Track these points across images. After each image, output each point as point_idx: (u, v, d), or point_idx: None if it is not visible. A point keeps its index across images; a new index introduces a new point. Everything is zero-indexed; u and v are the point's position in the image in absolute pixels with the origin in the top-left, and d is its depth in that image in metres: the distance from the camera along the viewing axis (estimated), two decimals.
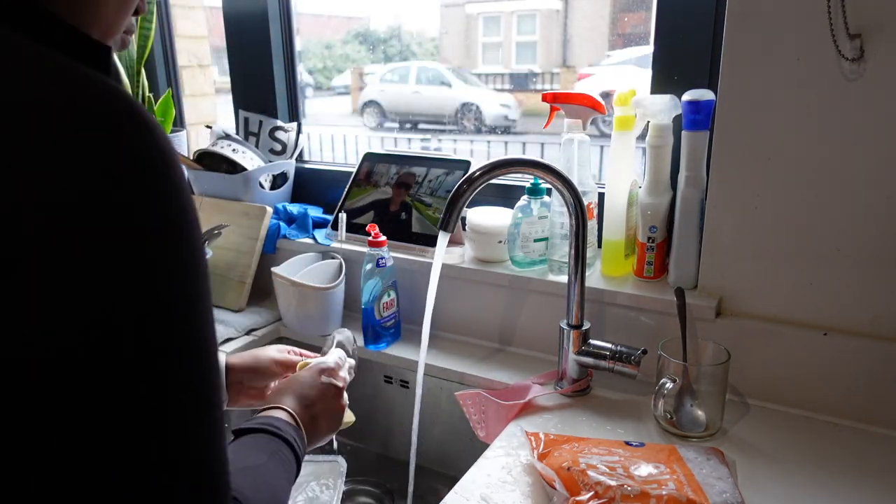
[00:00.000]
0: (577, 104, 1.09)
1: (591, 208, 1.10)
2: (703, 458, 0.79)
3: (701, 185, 1.00)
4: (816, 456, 0.85)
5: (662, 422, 0.91)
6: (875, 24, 0.82)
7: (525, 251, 1.14)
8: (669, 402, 0.89)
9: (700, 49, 1.05)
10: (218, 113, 1.89)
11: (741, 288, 0.99)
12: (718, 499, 0.71)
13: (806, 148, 0.89)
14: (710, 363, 0.91)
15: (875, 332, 0.91)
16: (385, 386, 1.24)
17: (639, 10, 1.65)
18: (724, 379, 0.89)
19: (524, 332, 1.18)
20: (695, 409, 0.89)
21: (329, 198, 1.50)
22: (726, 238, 0.98)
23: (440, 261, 0.95)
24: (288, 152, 1.53)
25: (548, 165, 0.93)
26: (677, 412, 0.90)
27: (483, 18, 3.84)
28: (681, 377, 0.88)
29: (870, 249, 0.89)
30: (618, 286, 1.07)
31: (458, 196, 0.91)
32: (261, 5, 1.49)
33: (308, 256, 1.33)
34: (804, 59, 0.87)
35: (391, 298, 1.19)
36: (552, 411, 0.98)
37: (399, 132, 4.19)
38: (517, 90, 3.93)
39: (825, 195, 0.90)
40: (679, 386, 0.88)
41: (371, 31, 2.65)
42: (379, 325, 1.19)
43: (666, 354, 0.90)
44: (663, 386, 0.87)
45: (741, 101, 0.92)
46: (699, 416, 0.89)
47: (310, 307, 1.24)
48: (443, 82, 4.40)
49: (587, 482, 0.72)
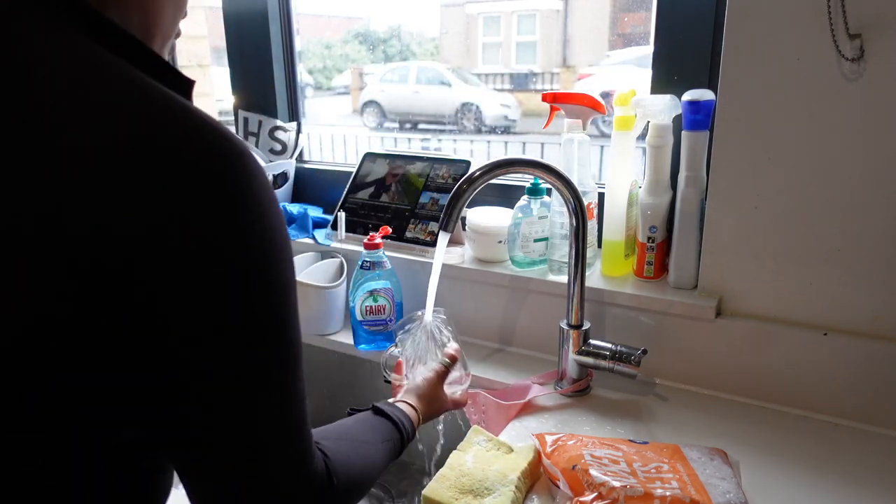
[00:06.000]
0: (577, 104, 1.09)
1: (591, 208, 1.10)
2: (706, 458, 0.79)
3: (701, 185, 1.00)
4: (817, 456, 0.86)
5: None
6: (875, 24, 0.82)
7: (525, 251, 1.14)
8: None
9: (700, 49, 1.05)
10: (218, 113, 1.89)
11: (741, 288, 0.99)
12: (722, 499, 0.71)
13: (806, 148, 0.89)
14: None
15: (875, 332, 0.91)
16: (385, 386, 1.24)
17: (639, 10, 1.65)
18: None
19: (524, 332, 1.18)
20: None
21: (329, 198, 1.50)
22: (726, 238, 0.98)
23: (440, 261, 0.95)
24: (288, 152, 1.53)
25: (548, 165, 0.93)
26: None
27: (483, 18, 3.83)
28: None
29: (870, 249, 0.89)
30: (618, 286, 1.07)
31: (458, 196, 0.91)
32: (261, 5, 1.49)
33: (308, 256, 1.33)
34: (804, 59, 0.87)
35: (378, 304, 1.16)
36: (552, 411, 0.98)
37: (399, 132, 4.19)
38: (517, 90, 3.93)
39: (825, 195, 0.90)
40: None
41: (371, 31, 2.65)
42: (360, 326, 1.18)
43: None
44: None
45: (741, 101, 0.92)
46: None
47: (311, 306, 1.24)
48: (443, 82, 4.39)
49: (591, 482, 0.72)
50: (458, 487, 0.77)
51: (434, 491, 0.77)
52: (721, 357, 1.00)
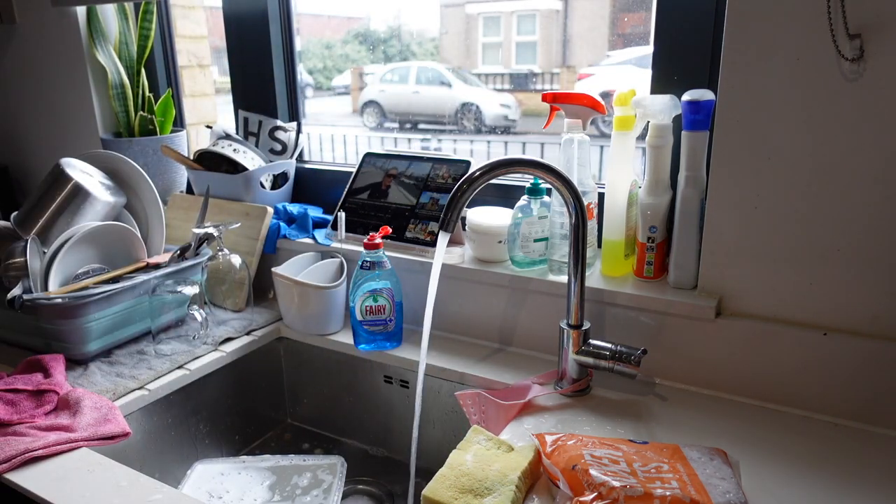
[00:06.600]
0: (577, 104, 1.09)
1: (591, 208, 1.10)
2: (706, 458, 0.79)
3: (701, 185, 1.00)
4: (817, 456, 0.86)
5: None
6: (875, 24, 0.82)
7: (525, 251, 1.14)
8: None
9: (700, 49, 1.05)
10: (218, 113, 1.89)
11: (741, 288, 0.99)
12: (722, 499, 0.71)
13: (806, 148, 0.89)
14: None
15: (875, 332, 0.91)
16: (385, 386, 1.24)
17: (639, 10, 1.64)
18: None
19: (524, 332, 1.18)
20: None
21: (329, 198, 1.50)
22: (726, 238, 0.98)
23: (440, 261, 0.95)
24: (288, 152, 1.53)
25: (548, 165, 0.93)
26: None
27: (483, 18, 3.83)
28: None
29: (870, 249, 0.89)
30: (618, 286, 1.07)
31: (458, 196, 0.91)
32: (261, 5, 1.49)
33: (308, 256, 1.33)
34: (804, 59, 0.87)
35: (378, 304, 1.16)
36: (552, 411, 0.98)
37: (399, 132, 4.18)
38: (517, 90, 3.93)
39: (825, 195, 0.90)
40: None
41: (371, 31, 2.65)
42: (360, 326, 1.19)
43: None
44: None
45: (741, 101, 0.92)
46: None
47: (311, 307, 1.24)
48: (443, 82, 4.39)
49: (591, 482, 0.72)
50: (457, 487, 0.77)
51: (434, 491, 0.77)
52: (721, 357, 1.00)
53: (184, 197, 1.54)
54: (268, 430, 1.36)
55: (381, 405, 1.26)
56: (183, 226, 1.49)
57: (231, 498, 1.04)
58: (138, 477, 0.86)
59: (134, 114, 1.63)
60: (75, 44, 1.66)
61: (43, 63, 1.75)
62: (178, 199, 1.54)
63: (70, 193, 1.22)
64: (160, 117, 1.64)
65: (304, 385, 1.35)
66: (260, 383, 1.32)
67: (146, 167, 1.46)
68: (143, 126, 1.62)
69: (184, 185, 1.67)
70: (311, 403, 1.36)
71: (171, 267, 1.22)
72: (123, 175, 1.33)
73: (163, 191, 1.58)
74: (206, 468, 1.10)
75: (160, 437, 1.12)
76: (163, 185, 1.61)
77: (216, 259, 1.30)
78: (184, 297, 1.19)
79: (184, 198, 1.54)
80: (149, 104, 1.65)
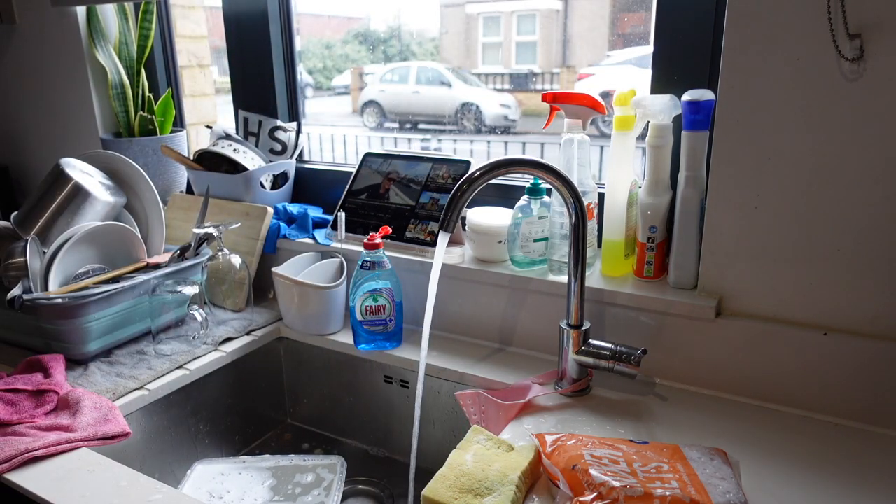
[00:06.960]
0: (577, 104, 1.09)
1: (591, 208, 1.10)
2: (706, 458, 0.79)
3: (701, 185, 1.00)
4: (817, 456, 0.85)
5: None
6: (875, 24, 0.82)
7: (525, 251, 1.14)
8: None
9: (700, 49, 1.05)
10: (218, 113, 1.89)
11: (741, 288, 0.99)
12: (722, 499, 0.71)
13: (806, 148, 0.89)
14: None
15: (875, 332, 0.91)
16: (385, 386, 1.24)
17: (639, 10, 1.64)
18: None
19: (524, 332, 1.18)
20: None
21: (329, 198, 1.50)
22: (726, 238, 0.98)
23: (440, 261, 0.95)
24: (288, 152, 1.53)
25: (548, 165, 0.93)
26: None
27: (483, 18, 3.83)
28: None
29: (870, 249, 0.89)
30: (618, 286, 1.07)
31: (458, 196, 0.91)
32: (261, 5, 1.49)
33: (308, 256, 1.33)
34: (804, 59, 0.87)
35: (378, 304, 1.16)
36: (552, 411, 0.98)
37: (399, 132, 4.18)
38: (517, 90, 3.93)
39: (825, 195, 0.90)
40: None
41: (371, 31, 2.65)
42: (360, 326, 1.19)
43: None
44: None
45: (741, 101, 0.92)
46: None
47: (311, 307, 1.24)
48: (443, 82, 4.39)
49: (591, 482, 0.72)
50: (457, 487, 0.77)
51: (434, 490, 0.77)
52: (721, 357, 1.00)
53: (184, 197, 1.54)
54: (268, 430, 1.36)
55: (381, 405, 1.26)
56: (183, 226, 1.49)
57: (231, 498, 1.04)
58: (138, 477, 0.86)
59: (134, 114, 1.63)
60: (75, 44, 1.66)
61: (43, 63, 1.75)
62: (178, 199, 1.54)
63: (70, 193, 1.23)
64: (160, 117, 1.64)
65: (304, 385, 1.35)
66: (260, 383, 1.32)
67: (146, 167, 1.46)
68: (143, 126, 1.62)
69: (184, 185, 1.67)
70: (311, 403, 1.36)
71: (171, 267, 1.22)
72: (123, 175, 1.33)
73: (163, 191, 1.58)
74: (206, 468, 1.10)
75: (160, 437, 1.13)
76: (163, 185, 1.61)
77: (216, 259, 1.30)
78: (184, 297, 1.19)
79: (184, 198, 1.54)
80: (149, 104, 1.65)
